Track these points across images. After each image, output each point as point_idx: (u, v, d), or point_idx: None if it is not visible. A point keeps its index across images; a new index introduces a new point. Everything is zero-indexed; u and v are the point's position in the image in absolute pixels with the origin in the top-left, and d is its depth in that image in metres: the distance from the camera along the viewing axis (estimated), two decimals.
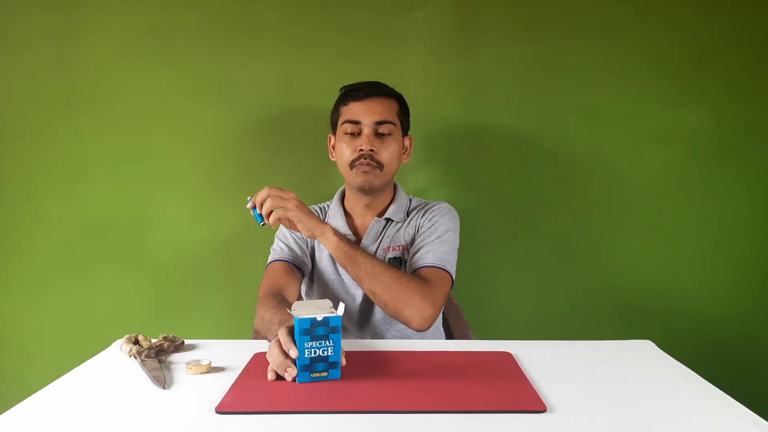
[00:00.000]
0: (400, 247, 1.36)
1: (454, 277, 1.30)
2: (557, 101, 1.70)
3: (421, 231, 1.36)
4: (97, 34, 1.65)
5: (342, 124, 1.36)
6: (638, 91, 1.69)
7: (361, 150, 1.32)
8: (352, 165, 1.34)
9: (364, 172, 1.33)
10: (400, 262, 1.36)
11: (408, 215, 1.41)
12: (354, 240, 1.38)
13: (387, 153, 1.34)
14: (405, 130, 1.42)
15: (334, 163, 1.45)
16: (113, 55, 1.66)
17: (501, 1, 1.67)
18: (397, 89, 1.42)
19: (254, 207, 1.20)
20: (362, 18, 1.67)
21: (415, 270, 1.28)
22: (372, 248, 1.38)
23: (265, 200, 1.18)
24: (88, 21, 1.65)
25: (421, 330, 1.19)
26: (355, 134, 1.34)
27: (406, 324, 1.20)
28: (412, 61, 1.68)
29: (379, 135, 1.34)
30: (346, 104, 1.37)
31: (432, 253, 1.29)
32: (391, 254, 1.36)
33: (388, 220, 1.39)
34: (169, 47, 1.66)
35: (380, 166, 1.34)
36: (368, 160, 1.32)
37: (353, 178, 1.35)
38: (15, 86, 1.66)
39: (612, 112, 1.70)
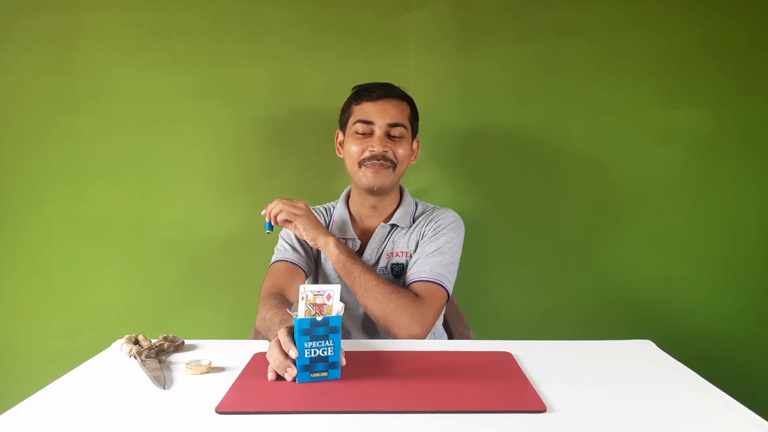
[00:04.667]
0: (405, 254, 1.36)
1: (450, 291, 1.30)
2: (557, 101, 1.70)
3: (423, 239, 1.36)
4: (97, 34, 1.65)
5: (354, 123, 1.36)
6: (637, 91, 1.70)
7: (373, 151, 1.32)
8: (360, 163, 1.34)
9: (374, 172, 1.32)
10: (404, 269, 1.35)
11: (414, 221, 1.41)
12: (359, 244, 1.39)
13: (399, 154, 1.34)
14: (414, 133, 1.42)
15: (336, 162, 1.45)
16: (113, 55, 1.66)
17: (501, 1, 1.67)
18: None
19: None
20: (362, 18, 1.67)
21: (411, 283, 1.28)
22: (377, 253, 1.37)
23: (278, 212, 1.27)
24: (88, 21, 1.65)
25: None
26: (367, 134, 1.34)
27: (394, 338, 1.21)
28: (412, 61, 1.68)
29: (390, 137, 1.34)
30: (359, 103, 1.36)
31: (429, 266, 1.29)
32: (394, 260, 1.36)
33: (393, 225, 1.39)
34: (169, 47, 1.66)
35: (393, 165, 1.33)
36: (381, 160, 1.32)
37: (361, 178, 1.35)
38: (15, 86, 1.66)
39: (611, 111, 1.70)
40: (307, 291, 0.92)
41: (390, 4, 1.67)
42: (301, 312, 0.92)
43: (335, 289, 0.93)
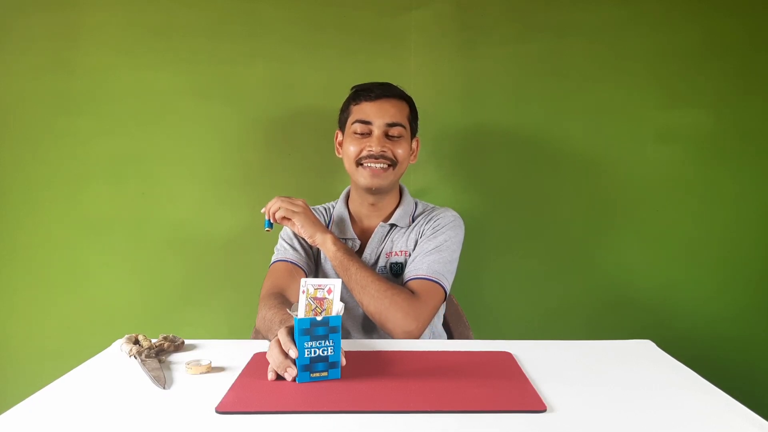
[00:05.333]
0: (403, 252, 1.36)
1: (447, 289, 1.29)
2: (557, 101, 1.70)
3: (422, 238, 1.36)
4: (97, 34, 1.65)
5: (352, 123, 1.36)
6: (637, 91, 1.70)
7: (371, 151, 1.32)
8: (358, 162, 1.34)
9: (372, 174, 1.33)
10: (403, 268, 1.35)
11: (413, 220, 1.41)
12: (359, 244, 1.39)
13: (398, 154, 1.34)
14: (413, 133, 1.42)
15: (336, 162, 1.45)
16: (113, 55, 1.66)
17: (501, 1, 1.67)
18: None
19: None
20: (362, 18, 1.67)
21: (408, 281, 1.28)
22: (376, 253, 1.38)
23: (276, 210, 1.29)
24: (88, 21, 1.65)
25: None
26: (365, 134, 1.34)
27: (390, 336, 1.21)
28: (412, 61, 1.68)
29: (388, 137, 1.34)
30: (357, 103, 1.36)
31: (426, 264, 1.29)
32: (393, 259, 1.36)
33: (392, 225, 1.39)
34: (169, 47, 1.66)
35: (393, 163, 1.34)
36: (380, 160, 1.32)
37: (359, 178, 1.35)
38: (15, 86, 1.66)
39: (611, 111, 1.70)
40: (308, 284, 0.92)
41: (390, 4, 1.67)
42: (301, 310, 0.92)
43: (336, 284, 0.93)
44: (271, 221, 1.31)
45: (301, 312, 0.92)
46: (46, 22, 1.64)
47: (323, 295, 0.92)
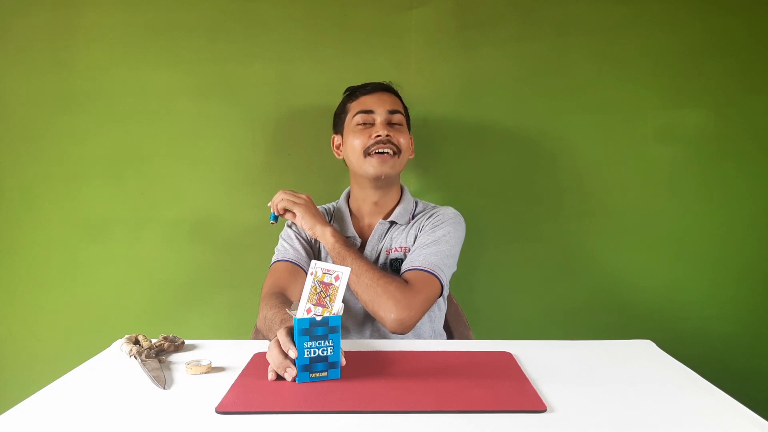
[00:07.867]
0: (403, 249, 1.37)
1: (443, 281, 1.28)
2: (557, 100, 1.70)
3: (421, 232, 1.36)
4: (97, 34, 1.65)
5: (354, 116, 1.38)
6: (638, 90, 1.69)
7: (378, 136, 1.34)
8: (366, 152, 1.35)
9: (380, 161, 1.34)
10: (402, 264, 1.36)
11: (413, 218, 1.41)
12: (360, 242, 1.39)
13: (401, 142, 1.37)
14: (409, 128, 1.44)
15: (336, 162, 1.45)
16: (113, 55, 1.66)
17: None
18: (397, 88, 1.44)
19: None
20: (362, 17, 1.67)
21: (404, 272, 1.29)
22: (376, 250, 1.38)
23: (279, 201, 1.34)
24: (87, 21, 1.65)
25: (397, 333, 1.20)
26: (368, 124, 1.36)
27: (383, 325, 1.21)
28: (412, 59, 1.68)
29: (391, 124, 1.37)
30: (355, 98, 1.39)
31: (423, 256, 1.29)
32: (393, 255, 1.36)
33: (392, 222, 1.40)
34: (168, 46, 1.66)
35: (398, 151, 1.35)
36: (387, 145, 1.33)
37: (367, 168, 1.35)
38: (15, 86, 1.66)
39: (612, 111, 1.70)
40: (317, 267, 0.93)
41: (390, 3, 1.66)
42: (306, 292, 0.92)
43: (344, 271, 0.93)
44: (277, 214, 1.34)
45: (306, 294, 0.92)
46: (46, 21, 1.64)
47: (330, 280, 0.92)
